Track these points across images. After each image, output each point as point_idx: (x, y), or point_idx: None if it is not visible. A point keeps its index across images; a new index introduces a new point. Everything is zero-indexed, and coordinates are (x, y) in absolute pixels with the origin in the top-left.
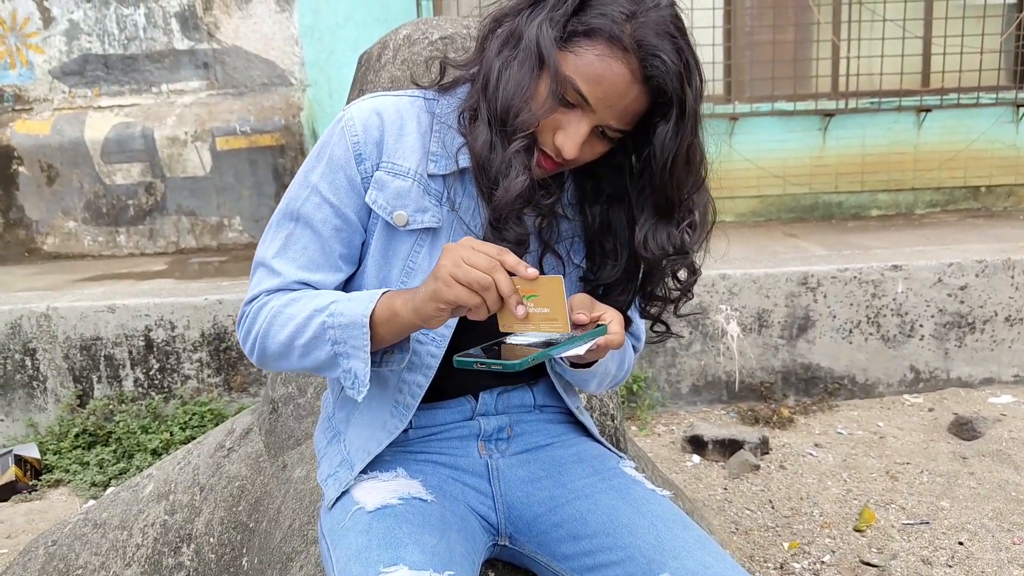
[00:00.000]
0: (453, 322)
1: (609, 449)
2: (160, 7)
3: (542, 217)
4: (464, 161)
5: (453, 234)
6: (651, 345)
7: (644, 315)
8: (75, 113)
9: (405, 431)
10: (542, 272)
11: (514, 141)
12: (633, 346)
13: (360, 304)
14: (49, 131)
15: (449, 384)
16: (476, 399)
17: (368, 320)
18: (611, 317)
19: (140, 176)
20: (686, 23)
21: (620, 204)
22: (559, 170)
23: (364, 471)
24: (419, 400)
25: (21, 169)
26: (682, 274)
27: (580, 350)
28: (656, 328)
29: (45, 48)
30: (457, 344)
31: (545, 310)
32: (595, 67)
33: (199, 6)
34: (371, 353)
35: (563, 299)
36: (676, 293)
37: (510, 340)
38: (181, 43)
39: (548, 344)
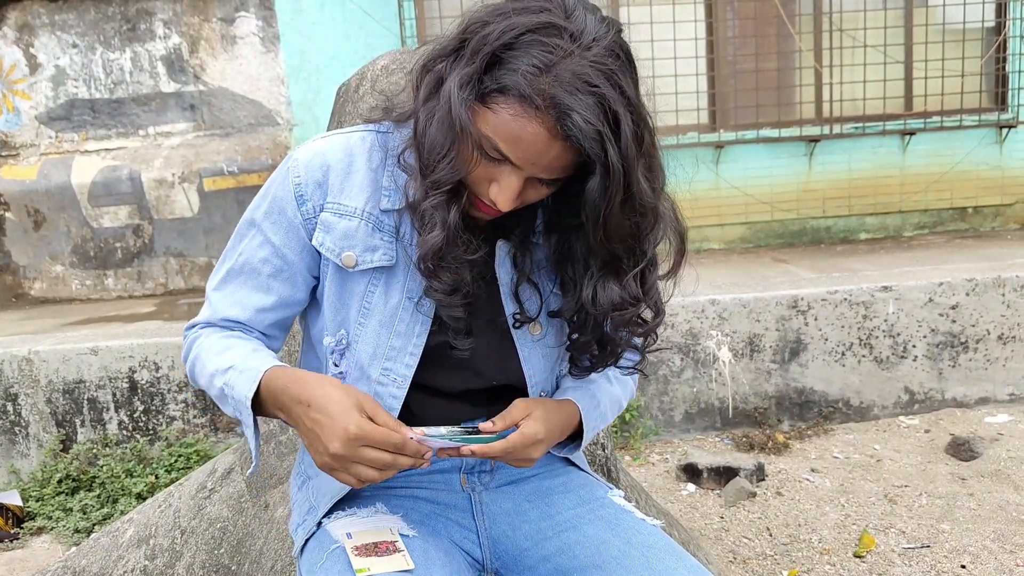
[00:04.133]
0: (414, 362)
1: (596, 478)
2: (146, 50)
3: (514, 248)
4: None
5: (409, 270)
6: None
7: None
8: (62, 158)
9: None
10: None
11: (429, 197)
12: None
13: (246, 383)
14: (36, 176)
15: (429, 416)
16: None
17: (250, 404)
18: (525, 430)
19: (128, 219)
20: (626, 54)
21: (580, 232)
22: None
23: (343, 507)
24: None
25: (8, 215)
26: (646, 314)
27: (473, 448)
28: (622, 365)
29: (31, 94)
30: (418, 382)
31: None
32: (510, 127)
33: (185, 49)
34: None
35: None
36: (641, 332)
37: (418, 432)
38: (168, 86)
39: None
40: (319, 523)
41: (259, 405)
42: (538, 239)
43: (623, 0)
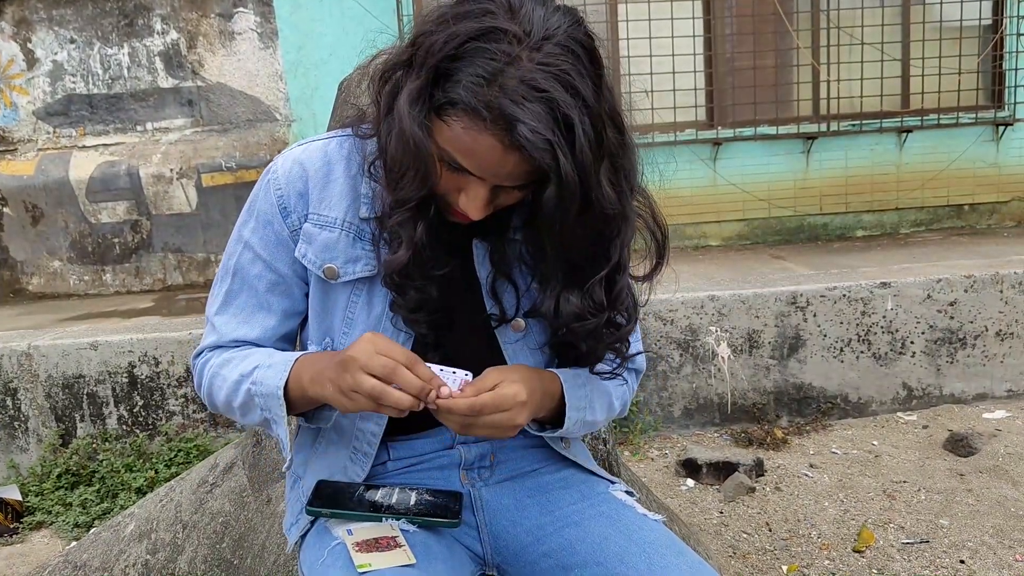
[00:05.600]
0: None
1: (597, 474)
2: (144, 46)
3: (491, 246)
4: None
5: None
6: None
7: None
8: (60, 153)
9: (383, 463)
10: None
11: (395, 214)
12: (634, 371)
13: (276, 374)
14: (33, 171)
15: (427, 413)
16: None
17: (282, 391)
18: (502, 390)
19: (126, 214)
20: (584, 48)
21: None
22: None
23: None
24: (376, 448)
25: (5, 210)
26: (619, 319)
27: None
28: (601, 370)
29: (29, 89)
30: None
31: None
32: (463, 140)
33: (183, 44)
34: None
35: None
36: (610, 340)
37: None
38: (166, 81)
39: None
40: (312, 521)
41: (289, 400)
42: (516, 234)
43: None
